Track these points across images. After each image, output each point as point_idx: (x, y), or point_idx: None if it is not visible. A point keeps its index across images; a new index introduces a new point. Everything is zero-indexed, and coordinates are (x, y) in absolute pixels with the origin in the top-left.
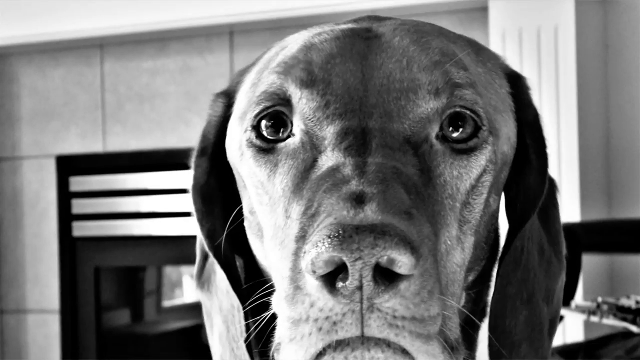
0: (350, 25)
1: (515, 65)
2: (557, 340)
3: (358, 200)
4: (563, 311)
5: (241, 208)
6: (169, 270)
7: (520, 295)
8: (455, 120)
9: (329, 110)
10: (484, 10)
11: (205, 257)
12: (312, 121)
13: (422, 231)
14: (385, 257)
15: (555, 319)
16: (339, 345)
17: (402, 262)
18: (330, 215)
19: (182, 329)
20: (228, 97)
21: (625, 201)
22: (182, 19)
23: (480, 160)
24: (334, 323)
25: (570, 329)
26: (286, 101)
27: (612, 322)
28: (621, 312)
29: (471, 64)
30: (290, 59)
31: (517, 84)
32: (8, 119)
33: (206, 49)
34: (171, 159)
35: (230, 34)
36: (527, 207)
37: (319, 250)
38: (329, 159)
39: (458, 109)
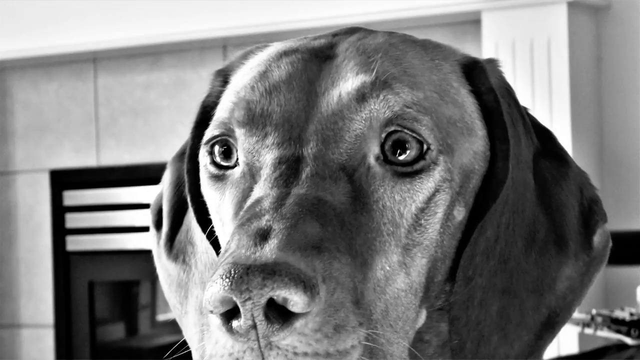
0: (317, 44)
1: (508, 77)
2: (552, 353)
3: (263, 236)
4: None
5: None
6: None
7: (492, 286)
8: (399, 144)
9: (268, 140)
10: (476, 22)
11: (174, 226)
12: (252, 153)
13: (331, 265)
14: (280, 296)
15: (563, 309)
16: None
17: (294, 300)
18: (232, 254)
19: (177, 343)
20: (224, 77)
21: (619, 213)
22: (176, 33)
23: (427, 183)
24: None
25: (565, 341)
26: (232, 131)
27: (607, 334)
28: (615, 324)
29: (424, 73)
30: (238, 92)
31: (473, 74)
32: (2, 133)
33: (200, 62)
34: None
35: (224, 48)
36: (489, 196)
37: (213, 290)
38: (260, 189)
39: (397, 128)
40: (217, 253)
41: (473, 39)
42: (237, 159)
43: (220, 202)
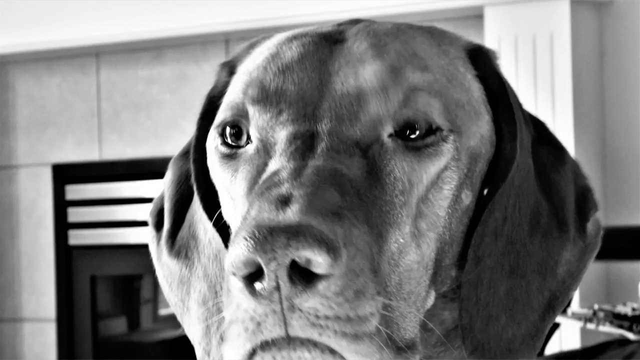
0: (326, 30)
1: (510, 72)
2: (554, 348)
3: (284, 202)
4: (559, 318)
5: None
6: None
7: (500, 266)
8: (411, 124)
9: (282, 117)
10: (479, 17)
11: (175, 223)
12: (265, 130)
13: (350, 231)
14: (304, 258)
15: (562, 292)
16: (267, 345)
17: (317, 261)
18: (254, 218)
19: (179, 338)
20: (231, 68)
21: (622, 208)
22: (178, 27)
23: (437, 157)
24: (259, 324)
25: (567, 336)
26: (245, 112)
27: (609, 329)
28: (617, 319)
29: (433, 57)
30: (251, 73)
31: (478, 59)
32: (4, 127)
33: (202, 57)
34: (167, 167)
35: (226, 42)
36: (498, 177)
37: (237, 252)
38: (275, 163)
39: (409, 110)
40: (223, 241)
41: (476, 33)
42: (249, 138)
43: (232, 179)
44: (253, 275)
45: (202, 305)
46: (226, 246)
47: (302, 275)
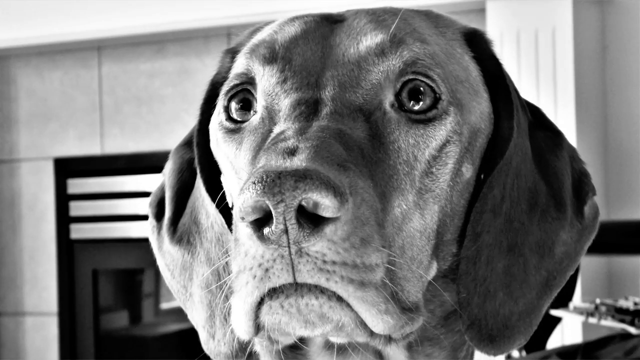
0: (326, 12)
1: (512, 67)
2: (556, 342)
3: (291, 152)
4: (561, 313)
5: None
6: None
7: (498, 244)
8: (414, 93)
9: (287, 85)
10: (481, 11)
11: (177, 211)
12: (271, 96)
13: (356, 182)
14: (311, 201)
15: (559, 273)
16: (274, 293)
17: (325, 204)
18: (262, 167)
19: (181, 331)
20: (233, 55)
21: (623, 203)
22: (180, 21)
23: (439, 131)
24: (267, 270)
25: (569, 331)
26: (252, 79)
27: (611, 324)
28: (619, 313)
29: (432, 36)
30: (258, 41)
31: (474, 41)
32: (6, 121)
33: (204, 51)
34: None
35: (228, 36)
36: (496, 155)
37: (245, 197)
38: (280, 126)
39: (412, 76)
40: (227, 224)
41: (477, 27)
42: (255, 109)
43: (236, 152)
44: (261, 222)
45: (206, 289)
46: (229, 228)
47: (310, 220)
